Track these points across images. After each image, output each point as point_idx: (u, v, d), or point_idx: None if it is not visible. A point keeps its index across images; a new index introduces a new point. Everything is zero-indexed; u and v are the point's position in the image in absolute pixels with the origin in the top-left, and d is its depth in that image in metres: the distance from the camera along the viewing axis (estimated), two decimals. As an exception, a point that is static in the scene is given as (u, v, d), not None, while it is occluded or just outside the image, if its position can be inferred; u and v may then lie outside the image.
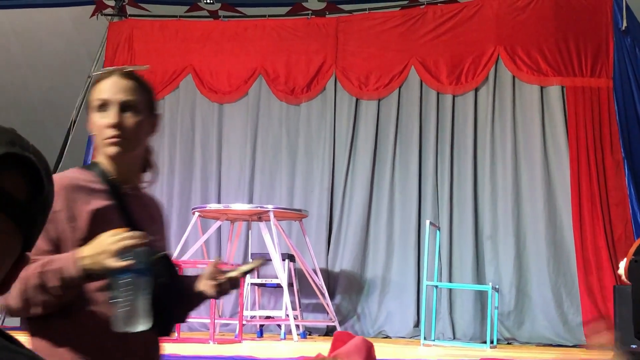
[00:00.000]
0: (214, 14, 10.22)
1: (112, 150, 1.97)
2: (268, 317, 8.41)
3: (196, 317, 7.55)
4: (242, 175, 9.67)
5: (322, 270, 8.58)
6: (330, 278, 9.01)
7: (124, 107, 1.97)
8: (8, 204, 0.88)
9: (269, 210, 7.84)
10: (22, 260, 0.94)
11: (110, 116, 1.95)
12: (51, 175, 0.96)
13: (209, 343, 6.30)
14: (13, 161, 0.88)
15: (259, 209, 8.01)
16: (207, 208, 8.10)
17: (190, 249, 7.99)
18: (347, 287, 9.02)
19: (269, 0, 10.14)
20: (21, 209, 0.89)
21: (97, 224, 1.86)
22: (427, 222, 7.79)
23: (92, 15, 10.27)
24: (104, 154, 2.00)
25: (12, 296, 1.73)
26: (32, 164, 0.90)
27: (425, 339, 7.42)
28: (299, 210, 8.29)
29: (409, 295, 8.80)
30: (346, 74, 9.48)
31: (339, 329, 8.15)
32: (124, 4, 10.35)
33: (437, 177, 9.07)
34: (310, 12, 9.87)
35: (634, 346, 6.60)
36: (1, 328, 0.86)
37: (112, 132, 1.95)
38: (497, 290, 7.76)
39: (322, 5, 9.87)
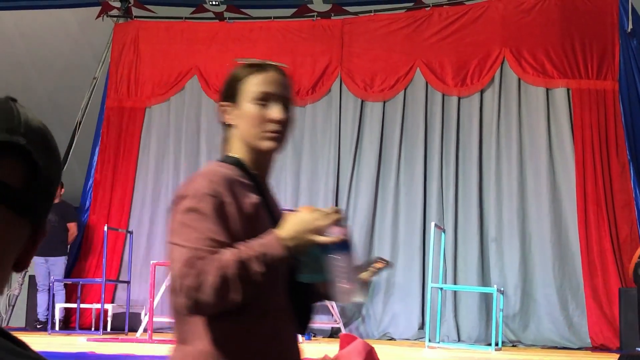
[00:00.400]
0: (219, 16, 10.23)
1: (270, 144, 1.93)
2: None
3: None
4: (247, 176, 9.67)
5: (326, 271, 8.56)
6: (335, 280, 9.00)
7: (285, 103, 1.96)
8: (3, 194, 0.83)
9: (273, 212, 7.82)
10: (39, 235, 0.90)
11: (275, 111, 1.92)
12: (52, 149, 0.90)
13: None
14: (4, 146, 0.83)
15: (263, 210, 7.99)
16: (212, 209, 8.08)
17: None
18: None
19: (275, 2, 10.14)
20: (17, 197, 0.85)
21: (257, 218, 1.85)
22: (432, 224, 7.78)
23: (98, 16, 10.28)
24: (249, 147, 1.95)
25: (204, 291, 1.66)
26: (22, 148, 0.84)
27: (430, 341, 7.42)
28: (304, 212, 8.27)
29: (413, 297, 8.79)
30: (351, 75, 9.48)
31: (343, 331, 8.15)
32: (129, 5, 10.36)
33: (442, 179, 9.05)
34: (315, 13, 9.87)
35: (639, 349, 6.58)
36: (6, 330, 0.85)
37: (275, 127, 1.92)
38: (502, 292, 7.74)
39: (328, 7, 9.87)
